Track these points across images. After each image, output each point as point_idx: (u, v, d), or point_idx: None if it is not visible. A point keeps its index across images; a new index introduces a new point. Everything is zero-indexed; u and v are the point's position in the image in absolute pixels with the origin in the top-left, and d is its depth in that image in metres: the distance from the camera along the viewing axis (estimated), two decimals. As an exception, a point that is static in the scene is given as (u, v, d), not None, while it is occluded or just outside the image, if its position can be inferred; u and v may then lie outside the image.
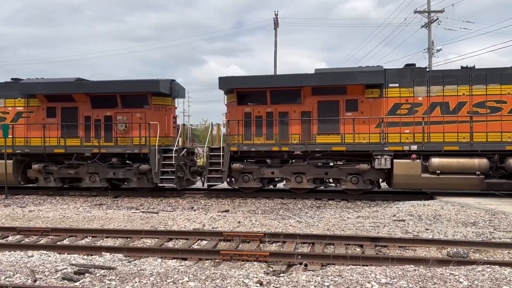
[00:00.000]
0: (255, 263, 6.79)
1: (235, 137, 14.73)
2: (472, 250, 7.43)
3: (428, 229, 9.05)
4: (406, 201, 12.77)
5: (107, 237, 8.80)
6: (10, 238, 8.97)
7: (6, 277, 5.99)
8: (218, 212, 11.61)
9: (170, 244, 8.29)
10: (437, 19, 30.42)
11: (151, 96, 15.36)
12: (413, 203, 12.26)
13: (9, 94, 16.14)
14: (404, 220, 9.96)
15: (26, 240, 8.79)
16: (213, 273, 6.06)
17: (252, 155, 14.94)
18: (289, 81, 14.26)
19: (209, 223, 9.96)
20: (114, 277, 5.95)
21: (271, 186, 15.71)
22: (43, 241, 8.69)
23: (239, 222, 10.05)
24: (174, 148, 14.79)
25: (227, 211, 11.81)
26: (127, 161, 15.85)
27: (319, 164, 14.32)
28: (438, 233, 8.75)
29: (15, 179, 15.48)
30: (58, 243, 8.40)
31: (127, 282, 5.77)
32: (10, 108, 16.12)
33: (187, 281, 5.73)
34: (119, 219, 10.69)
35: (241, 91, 14.79)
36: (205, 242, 8.26)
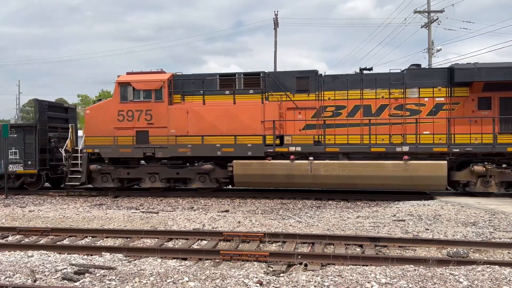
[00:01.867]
0: (255, 263, 6.79)
1: None
2: (472, 250, 7.44)
3: (428, 229, 9.07)
4: (406, 201, 12.77)
5: (107, 237, 8.78)
6: (10, 238, 8.95)
7: (6, 277, 5.99)
8: (218, 212, 11.60)
9: (170, 244, 8.28)
10: (437, 19, 30.39)
11: None
12: (413, 203, 12.28)
13: (424, 83, 13.87)
14: (404, 220, 9.98)
15: (26, 240, 8.77)
16: (213, 273, 6.06)
17: None
18: None
19: (209, 223, 9.96)
20: (114, 277, 5.95)
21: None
22: (43, 241, 8.67)
23: (239, 222, 10.05)
24: None
25: (227, 211, 11.81)
26: None
27: None
28: (438, 233, 8.77)
29: (446, 182, 13.25)
30: (58, 243, 8.39)
31: (127, 282, 5.77)
32: (426, 99, 13.78)
33: (187, 281, 5.73)
34: (119, 219, 10.68)
35: None
36: (205, 242, 8.26)
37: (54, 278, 6.00)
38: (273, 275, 6.11)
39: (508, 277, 5.75)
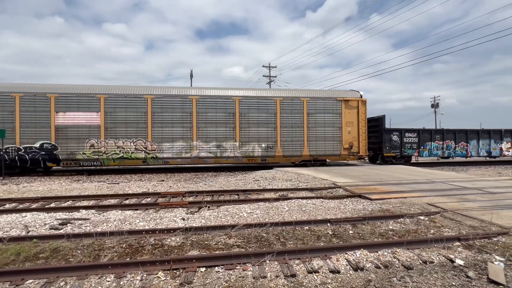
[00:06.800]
0: (180, 208, 6.49)
1: None
2: (290, 193, 7.99)
3: (270, 184, 9.49)
4: (260, 170, 13.19)
5: (83, 200, 7.44)
6: (7, 205, 7.04)
7: (4, 232, 4.72)
8: (157, 181, 10.77)
9: (127, 202, 7.43)
10: (273, 80, 32.86)
11: None
12: (263, 171, 12.69)
13: None
14: (259, 180, 10.31)
15: (21, 206, 6.99)
16: (154, 216, 5.63)
17: None
18: None
19: (152, 188, 9.20)
20: (88, 224, 5.12)
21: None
22: (34, 205, 7.00)
23: (170, 186, 9.47)
24: None
25: (163, 180, 11.03)
26: None
27: None
28: (275, 185, 9.23)
29: None
30: (46, 206, 6.88)
31: (98, 226, 5.03)
32: None
33: (139, 222, 5.23)
34: (92, 188, 9.20)
35: None
36: (149, 199, 7.60)
37: (44, 229, 4.93)
38: (190, 214, 5.93)
39: (305, 204, 6.37)
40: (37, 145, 11.40)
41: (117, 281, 3.12)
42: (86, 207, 6.38)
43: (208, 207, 6.46)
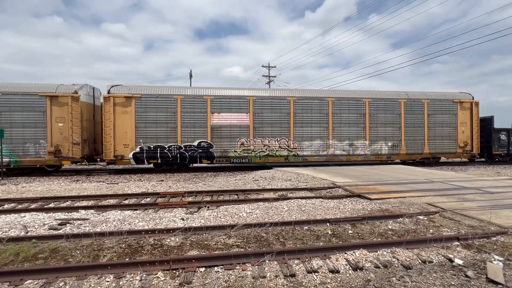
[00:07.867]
0: (179, 208, 6.48)
1: None
2: (289, 193, 7.99)
3: (270, 184, 9.47)
4: (259, 170, 13.20)
5: (82, 200, 7.40)
6: (6, 206, 7.01)
7: (3, 232, 4.71)
8: (156, 181, 10.76)
9: (126, 202, 7.41)
10: (273, 80, 32.91)
11: None
12: (263, 171, 12.68)
13: None
14: (258, 180, 10.29)
15: (20, 206, 6.97)
16: (154, 216, 5.63)
17: None
18: None
19: (151, 188, 9.19)
20: (88, 224, 5.12)
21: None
22: (33, 206, 6.97)
23: (170, 186, 9.45)
24: None
25: (162, 180, 11.02)
26: None
27: None
28: (274, 185, 9.21)
29: None
30: (45, 206, 6.86)
31: (97, 226, 5.02)
32: None
33: (138, 222, 5.23)
34: (91, 188, 9.18)
35: None
36: (148, 199, 7.59)
37: (43, 229, 4.92)
38: (190, 214, 5.93)
39: (305, 204, 6.39)
40: (195, 143, 12.24)
41: (117, 281, 3.12)
42: (85, 207, 6.35)
43: (208, 207, 6.44)
